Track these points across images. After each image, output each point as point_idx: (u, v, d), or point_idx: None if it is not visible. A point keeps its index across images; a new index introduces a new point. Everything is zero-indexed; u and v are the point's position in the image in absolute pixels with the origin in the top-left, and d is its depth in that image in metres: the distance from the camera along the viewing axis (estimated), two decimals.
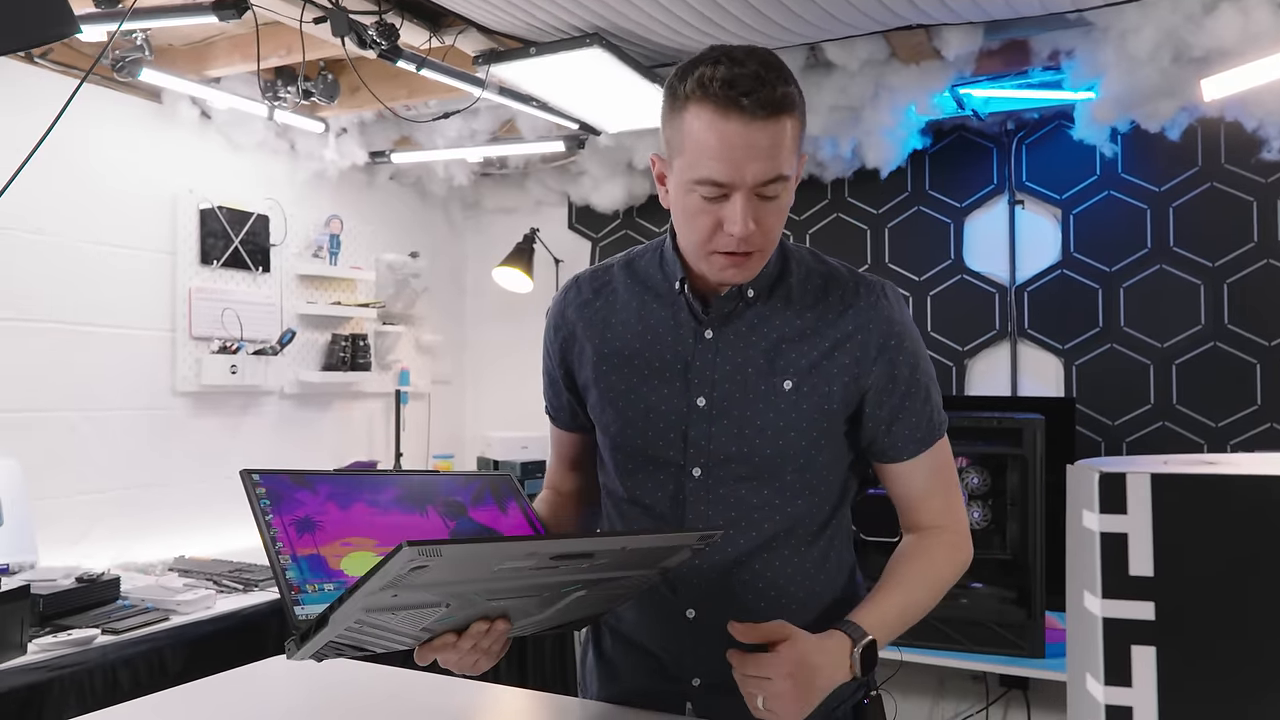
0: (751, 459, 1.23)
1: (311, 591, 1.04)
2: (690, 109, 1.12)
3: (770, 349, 1.24)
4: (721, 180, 1.11)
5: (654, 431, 1.26)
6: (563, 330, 1.36)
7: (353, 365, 3.73)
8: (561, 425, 1.43)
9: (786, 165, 1.13)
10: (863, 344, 1.23)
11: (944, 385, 3.46)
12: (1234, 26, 2.36)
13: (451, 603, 0.98)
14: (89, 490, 2.91)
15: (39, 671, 2.03)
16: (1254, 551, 0.68)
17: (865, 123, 3.15)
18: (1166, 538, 0.69)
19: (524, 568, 0.95)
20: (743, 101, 1.08)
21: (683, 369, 1.26)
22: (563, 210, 4.25)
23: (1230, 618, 0.68)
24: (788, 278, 1.27)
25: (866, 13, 2.45)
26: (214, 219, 3.27)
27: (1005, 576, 2.83)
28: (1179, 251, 3.18)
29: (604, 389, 1.30)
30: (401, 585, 0.88)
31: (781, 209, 1.17)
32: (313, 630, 0.94)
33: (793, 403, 1.22)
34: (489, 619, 1.05)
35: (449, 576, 0.92)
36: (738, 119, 1.09)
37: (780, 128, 1.11)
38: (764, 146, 1.10)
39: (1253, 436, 3.06)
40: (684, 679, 1.28)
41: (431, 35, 2.53)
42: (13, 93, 2.68)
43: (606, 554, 1.01)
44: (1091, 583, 0.71)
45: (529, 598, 1.04)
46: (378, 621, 0.96)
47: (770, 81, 1.10)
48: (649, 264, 1.33)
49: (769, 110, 1.09)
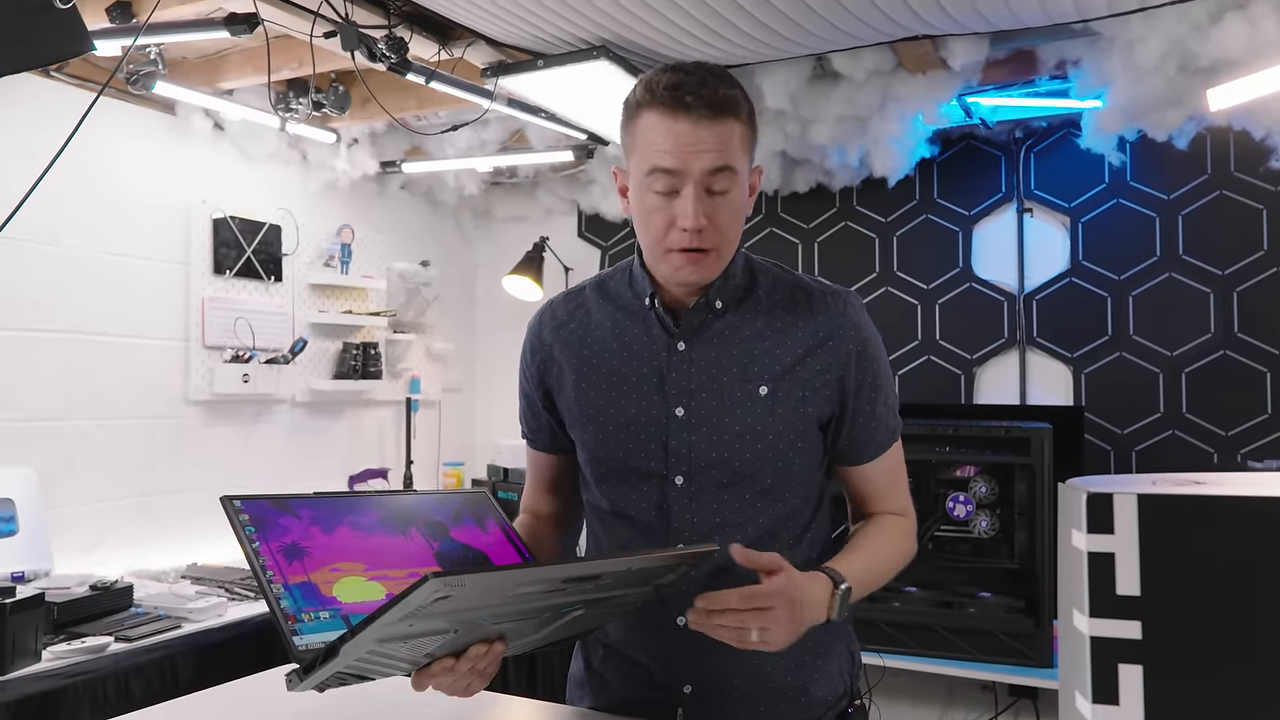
0: (731, 464, 1.26)
1: (308, 620, 1.04)
2: (641, 115, 1.20)
3: (743, 357, 1.27)
4: (670, 167, 1.17)
5: (635, 443, 1.29)
6: (540, 352, 1.41)
7: (364, 374, 3.76)
8: (540, 447, 1.47)
9: (734, 159, 1.19)
10: (833, 349, 1.27)
11: (952, 394, 3.47)
12: (1240, 36, 2.36)
13: (460, 628, 0.99)
14: (103, 498, 2.94)
15: (53, 679, 2.06)
16: (1240, 571, 0.69)
17: (872, 132, 3.15)
18: (1153, 558, 0.70)
19: (536, 592, 0.97)
20: (687, 99, 1.16)
21: (659, 381, 1.29)
22: (572, 219, 4.27)
23: (1216, 637, 0.69)
24: (755, 289, 1.31)
25: (871, 24, 2.47)
26: (227, 229, 3.30)
27: (1013, 586, 2.83)
28: (1188, 260, 3.17)
29: (584, 405, 1.34)
30: (420, 615, 0.89)
31: (734, 207, 1.22)
32: (320, 661, 0.94)
33: (769, 407, 1.26)
34: (488, 641, 1.07)
35: (467, 604, 0.93)
36: (684, 118, 1.16)
37: (726, 127, 1.18)
38: (710, 142, 1.17)
39: (1263, 445, 3.04)
40: (675, 686, 1.29)
41: (440, 48, 2.56)
42: (29, 106, 2.72)
43: (613, 575, 1.03)
44: (1080, 601, 0.72)
45: (529, 619, 1.06)
46: (387, 650, 0.96)
47: (714, 85, 1.17)
48: (619, 284, 1.38)
49: (714, 109, 1.16)
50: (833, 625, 1.34)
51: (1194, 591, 0.69)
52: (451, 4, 2.33)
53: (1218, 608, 0.69)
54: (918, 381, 3.53)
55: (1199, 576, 0.69)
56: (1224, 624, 0.69)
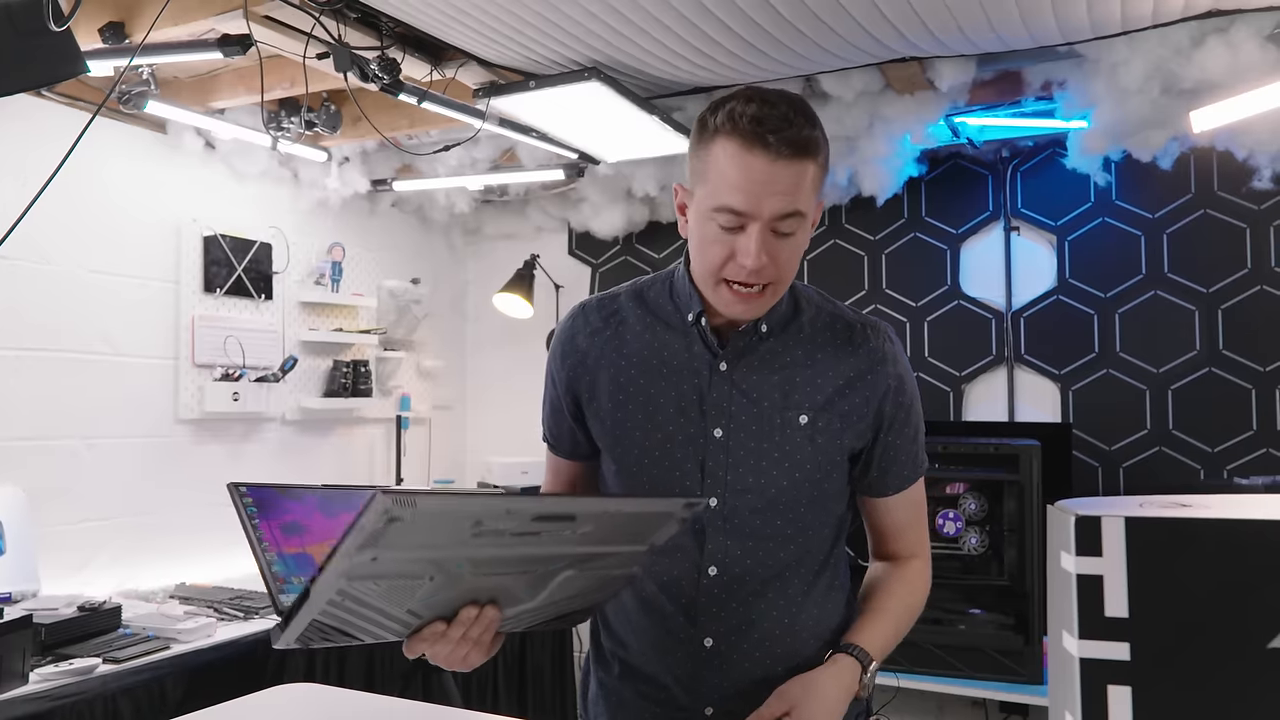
0: (768, 490, 1.26)
1: (296, 583, 1.04)
2: (718, 141, 1.16)
3: (784, 384, 1.27)
4: (740, 209, 1.15)
5: (671, 461, 1.28)
6: (571, 358, 1.36)
7: (354, 391, 3.75)
8: (561, 453, 1.44)
9: (804, 203, 1.16)
10: (872, 384, 1.28)
11: (941, 411, 3.49)
12: (1222, 60, 2.40)
13: (436, 575, 0.96)
14: (91, 518, 2.93)
15: (41, 701, 2.04)
16: (1227, 593, 0.70)
17: (861, 151, 3.18)
18: (1141, 580, 0.71)
19: (505, 530, 0.94)
20: (769, 139, 1.12)
21: (698, 400, 1.28)
22: (563, 236, 4.28)
23: (1204, 659, 0.70)
24: (800, 316, 1.31)
25: (859, 46, 2.49)
26: (217, 247, 3.30)
27: (1003, 603, 2.84)
28: (1173, 278, 3.20)
29: (619, 419, 1.31)
30: (380, 545, 0.87)
31: (796, 247, 1.20)
32: (296, 608, 0.92)
33: (808, 436, 1.26)
34: (478, 604, 1.04)
35: (427, 537, 0.90)
36: (762, 154, 1.13)
37: (802, 168, 1.15)
38: (784, 184, 1.14)
39: (1249, 461, 3.07)
40: (696, 709, 1.29)
41: (433, 69, 2.57)
42: (21, 125, 2.72)
43: (590, 518, 0.99)
44: (1069, 623, 0.73)
45: (518, 574, 1.03)
46: (361, 595, 0.93)
47: (797, 124, 1.14)
48: (659, 294, 1.35)
49: (793, 150, 1.13)
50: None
51: (1182, 613, 0.71)
52: (444, 26, 2.35)
53: (1206, 629, 0.70)
54: None
55: (1187, 598, 0.71)
56: (1212, 645, 0.70)
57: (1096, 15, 2.31)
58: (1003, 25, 2.37)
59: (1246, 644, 0.69)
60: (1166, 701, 0.70)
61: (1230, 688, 0.70)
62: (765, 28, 2.34)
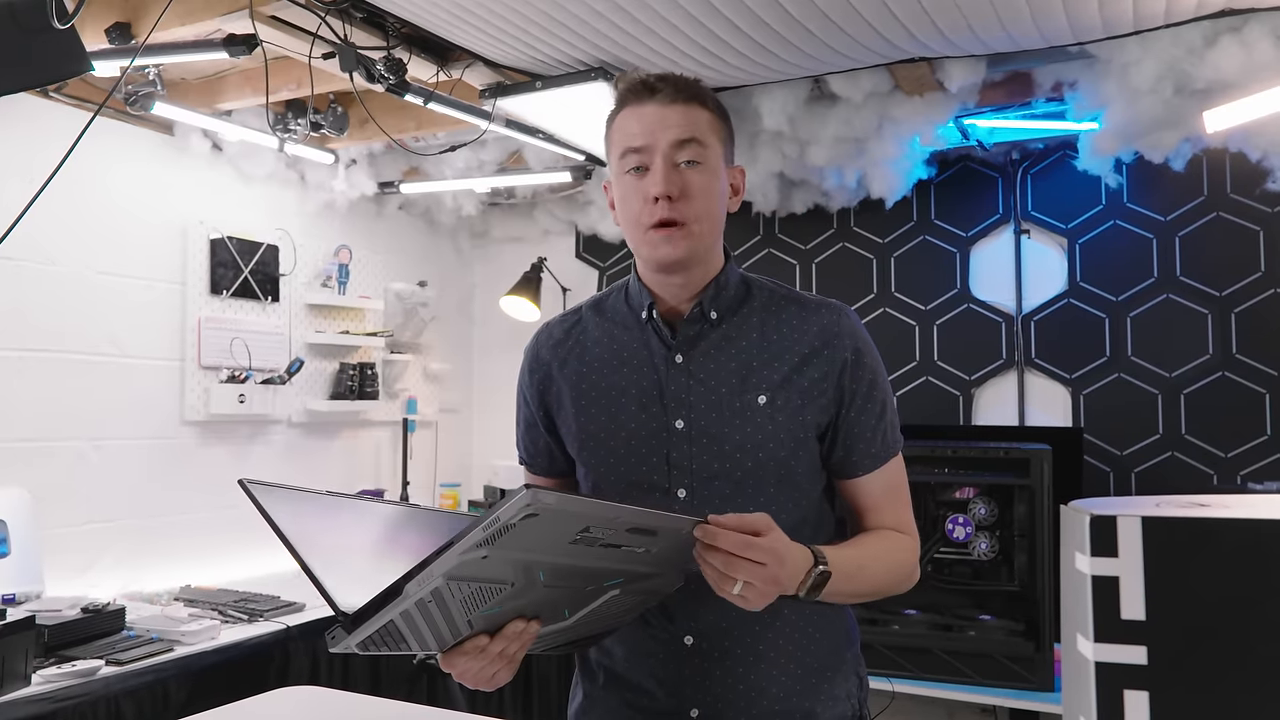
0: (733, 475, 1.26)
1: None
2: (616, 116, 1.29)
3: (741, 368, 1.28)
4: (639, 145, 1.24)
5: (636, 458, 1.29)
6: (538, 372, 1.40)
7: (360, 394, 3.75)
8: (538, 471, 1.46)
9: (703, 135, 1.24)
10: (829, 358, 1.28)
11: (951, 415, 3.46)
12: (1235, 59, 2.37)
13: (517, 581, 0.96)
14: (96, 519, 2.92)
15: (43, 703, 2.03)
16: (1246, 594, 0.68)
17: (870, 153, 3.16)
18: (1159, 581, 0.69)
19: (598, 540, 0.96)
20: (656, 86, 1.24)
21: (658, 394, 1.29)
22: (570, 239, 4.27)
23: (1223, 662, 0.68)
24: (750, 300, 1.33)
25: (868, 46, 2.47)
26: (224, 249, 3.30)
27: (1013, 608, 2.81)
28: (1186, 281, 3.17)
29: (584, 422, 1.33)
30: (498, 541, 0.87)
31: (707, 182, 1.25)
32: (377, 606, 0.88)
33: (768, 416, 1.26)
34: (525, 618, 1.04)
35: (538, 539, 0.91)
36: (651, 101, 1.24)
37: (693, 111, 1.24)
38: (676, 119, 1.23)
39: (1263, 467, 3.03)
40: (681, 711, 1.27)
41: (439, 69, 2.57)
42: (27, 126, 2.72)
43: (667, 534, 1.02)
44: (1084, 626, 0.71)
45: (577, 589, 1.04)
46: (448, 597, 0.91)
47: (680, 79, 1.26)
48: (615, 301, 1.39)
49: (681, 94, 1.24)
50: (839, 648, 1.32)
51: (1201, 615, 0.68)
52: (450, 26, 2.34)
53: (1226, 631, 0.68)
54: (916, 402, 3.52)
55: (1206, 600, 0.68)
56: (1231, 648, 0.68)
57: (1108, 14, 2.29)
58: (1013, 24, 2.35)
59: (1271, 647, 0.67)
60: (1186, 707, 0.68)
61: (1251, 693, 0.67)
62: (774, 28, 2.33)
